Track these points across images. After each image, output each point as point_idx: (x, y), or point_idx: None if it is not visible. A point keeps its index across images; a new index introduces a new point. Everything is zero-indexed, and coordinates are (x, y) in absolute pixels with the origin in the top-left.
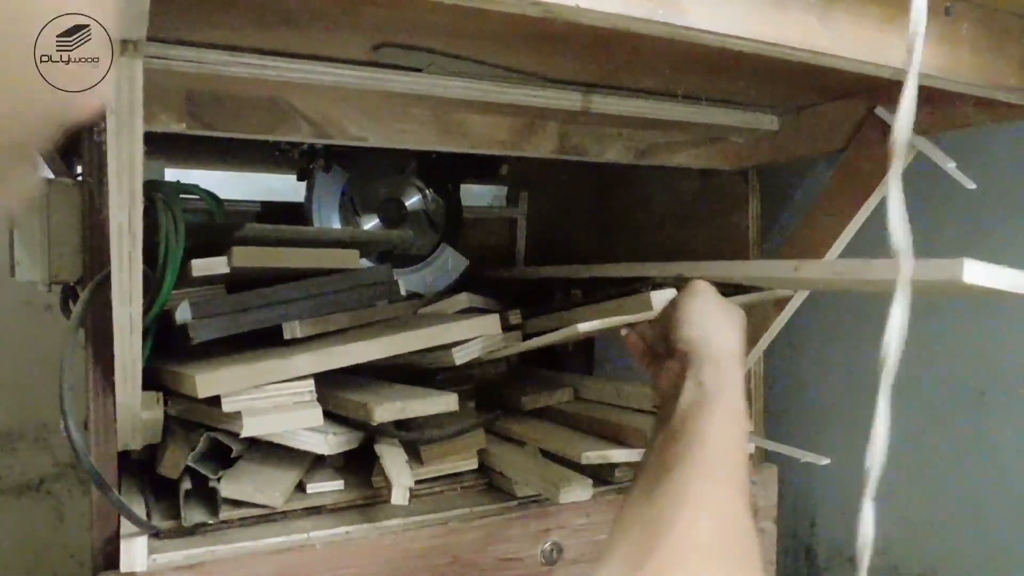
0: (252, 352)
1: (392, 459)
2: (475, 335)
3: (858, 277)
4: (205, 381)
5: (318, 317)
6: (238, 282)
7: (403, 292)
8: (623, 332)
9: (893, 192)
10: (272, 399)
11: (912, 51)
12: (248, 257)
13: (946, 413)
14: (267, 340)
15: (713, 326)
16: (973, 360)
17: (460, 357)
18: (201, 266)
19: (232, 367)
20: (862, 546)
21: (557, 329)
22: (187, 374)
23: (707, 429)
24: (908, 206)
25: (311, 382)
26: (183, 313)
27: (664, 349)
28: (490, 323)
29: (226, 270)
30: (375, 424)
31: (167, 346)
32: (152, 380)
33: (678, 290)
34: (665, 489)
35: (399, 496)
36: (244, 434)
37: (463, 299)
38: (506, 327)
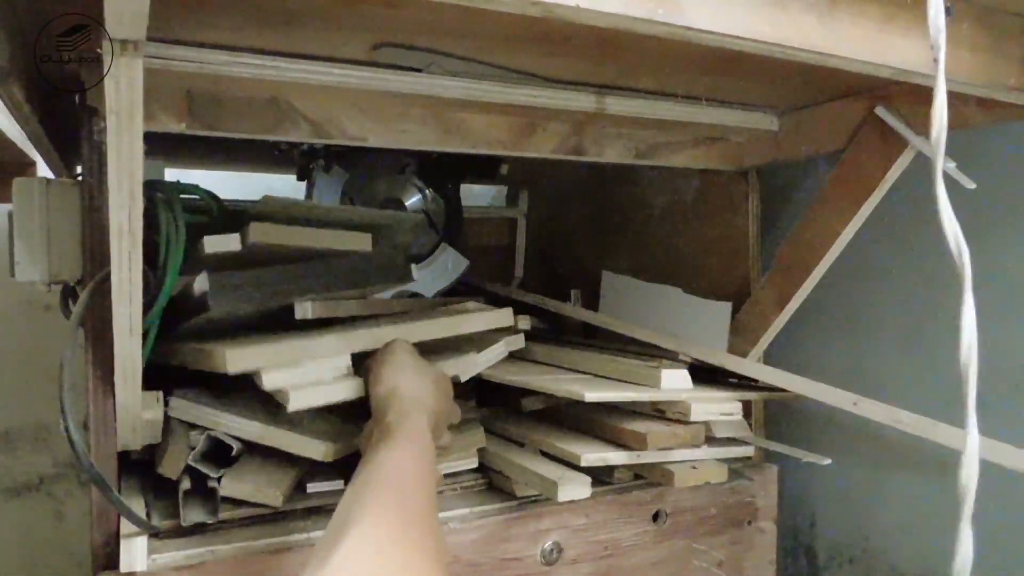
0: (270, 334)
1: None
2: (491, 327)
3: (921, 434)
4: (235, 356)
5: (331, 298)
6: (247, 264)
7: (415, 274)
8: None
9: (942, 202)
10: (311, 374)
11: (937, 57)
12: (264, 234)
13: (945, 414)
14: (275, 324)
15: (402, 380)
16: None
17: (464, 374)
18: (214, 243)
19: (259, 344)
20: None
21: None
22: (214, 350)
23: (382, 458)
24: (908, 206)
25: (347, 357)
26: (201, 283)
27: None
28: (504, 316)
29: (238, 247)
30: None
31: (169, 335)
32: (158, 371)
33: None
34: (339, 522)
35: None
36: (291, 408)
37: (470, 307)
38: (513, 331)
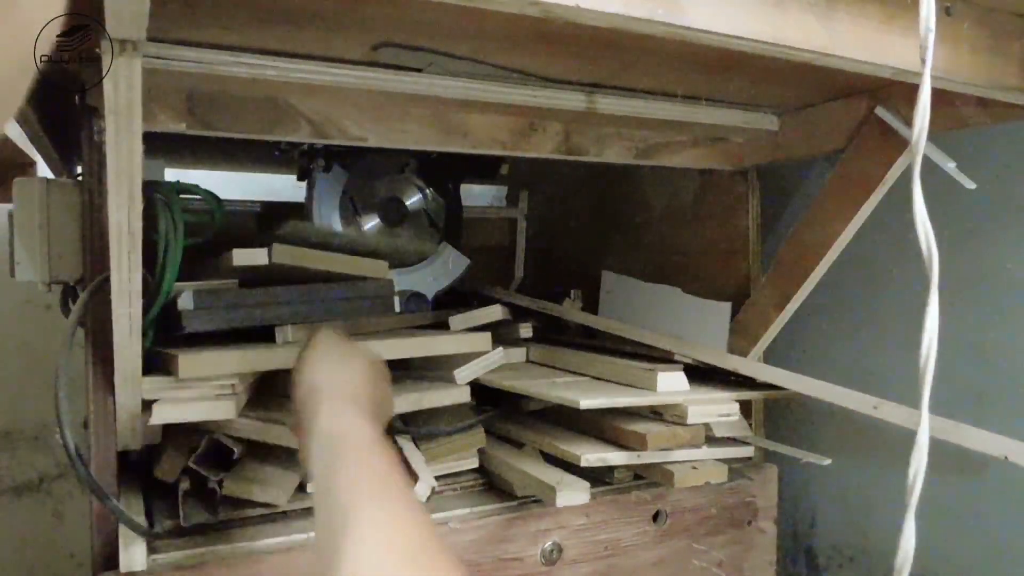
0: (247, 344)
1: (414, 456)
2: (463, 350)
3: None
4: (188, 362)
5: (312, 323)
6: (250, 279)
7: (397, 307)
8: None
9: (917, 200)
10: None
11: (925, 57)
12: (287, 255)
13: (946, 413)
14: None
15: (325, 375)
16: (973, 360)
17: (462, 378)
18: (242, 256)
19: (216, 352)
20: (903, 560)
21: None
22: (175, 356)
23: (349, 497)
24: (909, 206)
25: None
26: (185, 301)
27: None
28: (478, 342)
29: (266, 262)
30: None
31: (173, 334)
32: (155, 365)
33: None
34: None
35: (422, 491)
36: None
37: (496, 311)
38: (515, 340)
